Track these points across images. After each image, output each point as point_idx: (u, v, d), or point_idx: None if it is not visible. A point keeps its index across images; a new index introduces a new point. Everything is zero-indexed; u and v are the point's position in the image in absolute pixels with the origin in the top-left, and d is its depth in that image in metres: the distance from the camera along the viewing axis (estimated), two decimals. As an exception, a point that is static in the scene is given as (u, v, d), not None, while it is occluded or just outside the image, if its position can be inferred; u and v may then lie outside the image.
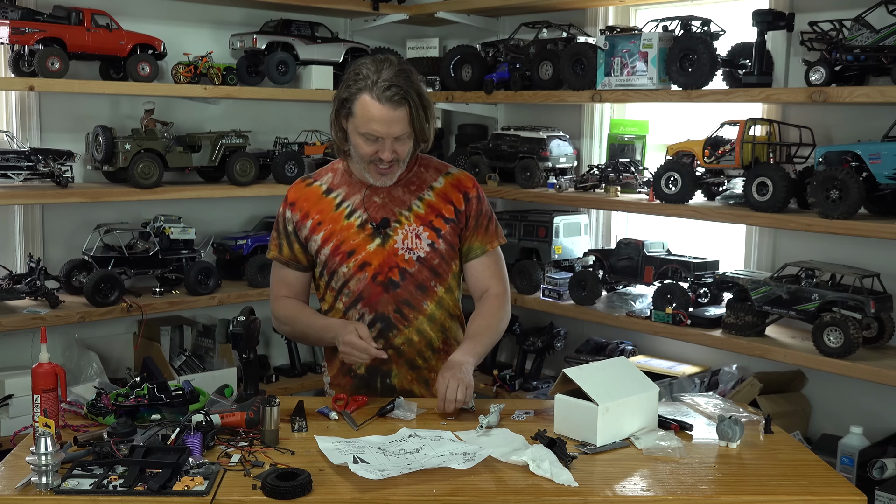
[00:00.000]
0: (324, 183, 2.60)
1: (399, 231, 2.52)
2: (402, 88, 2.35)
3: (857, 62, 3.00)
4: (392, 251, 2.51)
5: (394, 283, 2.51)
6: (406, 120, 2.38)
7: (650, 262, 3.73)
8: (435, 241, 2.54)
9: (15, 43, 3.44)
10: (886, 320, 3.15)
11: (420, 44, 4.65)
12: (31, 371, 2.28)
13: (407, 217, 2.53)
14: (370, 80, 2.36)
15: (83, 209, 3.84)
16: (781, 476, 2.08)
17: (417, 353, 2.56)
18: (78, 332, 3.75)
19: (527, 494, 1.94)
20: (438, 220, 2.55)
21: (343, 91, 2.42)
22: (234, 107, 4.28)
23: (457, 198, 2.58)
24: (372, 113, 2.36)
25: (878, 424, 3.23)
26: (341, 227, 2.53)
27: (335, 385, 2.64)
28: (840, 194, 2.97)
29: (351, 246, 2.52)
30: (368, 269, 2.51)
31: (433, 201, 2.56)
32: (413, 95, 2.37)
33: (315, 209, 2.56)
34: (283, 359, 4.47)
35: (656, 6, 3.93)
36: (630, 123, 4.07)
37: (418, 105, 2.39)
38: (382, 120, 2.36)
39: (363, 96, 2.37)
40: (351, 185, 2.57)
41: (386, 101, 2.35)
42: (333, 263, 2.54)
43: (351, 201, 2.55)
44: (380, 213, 2.53)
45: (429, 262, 2.54)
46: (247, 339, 2.52)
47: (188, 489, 1.88)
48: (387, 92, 2.34)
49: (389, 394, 2.55)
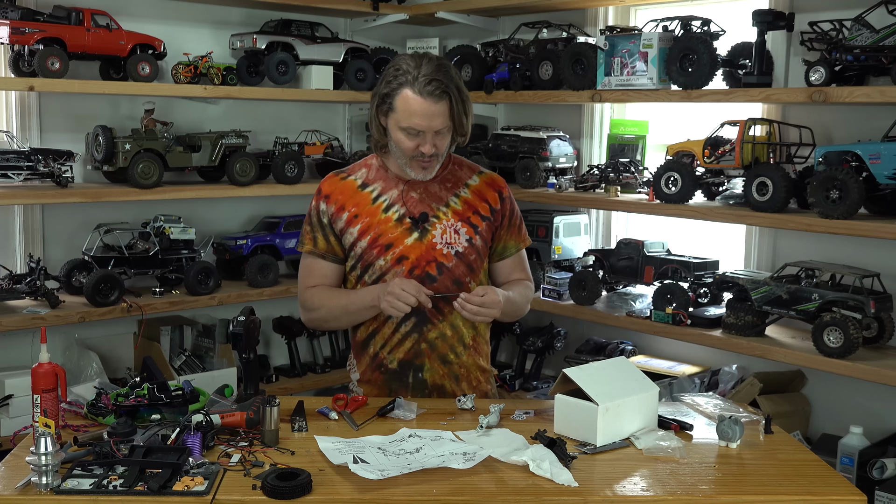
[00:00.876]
0: (358, 177, 2.62)
1: (437, 226, 2.55)
2: (442, 82, 2.40)
3: (857, 62, 3.00)
4: (430, 245, 2.54)
5: (431, 276, 2.53)
6: (446, 114, 2.43)
7: (650, 262, 3.73)
8: (472, 236, 2.58)
9: (15, 43, 3.43)
10: (886, 320, 3.15)
11: (420, 44, 4.65)
12: (31, 371, 2.28)
13: (444, 212, 2.57)
14: (411, 76, 2.40)
15: (83, 209, 3.84)
16: (781, 476, 2.08)
17: (450, 347, 2.58)
18: (78, 332, 3.75)
19: (527, 494, 1.94)
20: (475, 216, 2.60)
21: (383, 87, 2.46)
22: (234, 107, 4.28)
23: (492, 196, 2.63)
24: (413, 107, 2.41)
25: (878, 424, 3.23)
26: (379, 221, 2.55)
27: (364, 382, 2.64)
28: (840, 194, 2.97)
29: (389, 239, 2.54)
30: (405, 262, 2.53)
31: (469, 198, 2.61)
32: (453, 90, 2.42)
33: (351, 202, 2.58)
34: (283, 359, 4.47)
35: (656, 6, 3.93)
36: (630, 123, 4.07)
37: (458, 99, 2.44)
38: (424, 114, 2.41)
39: (404, 91, 2.41)
40: (387, 181, 2.59)
41: (427, 95, 2.39)
42: (370, 256, 2.55)
43: (388, 196, 2.58)
44: (418, 208, 2.56)
45: (466, 258, 2.57)
46: (247, 339, 2.52)
47: (188, 489, 1.88)
48: (428, 86, 2.39)
49: (420, 389, 2.56)
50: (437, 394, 2.57)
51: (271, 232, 4.21)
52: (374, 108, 2.51)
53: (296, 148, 4.19)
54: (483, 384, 2.67)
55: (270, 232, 4.21)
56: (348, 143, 4.69)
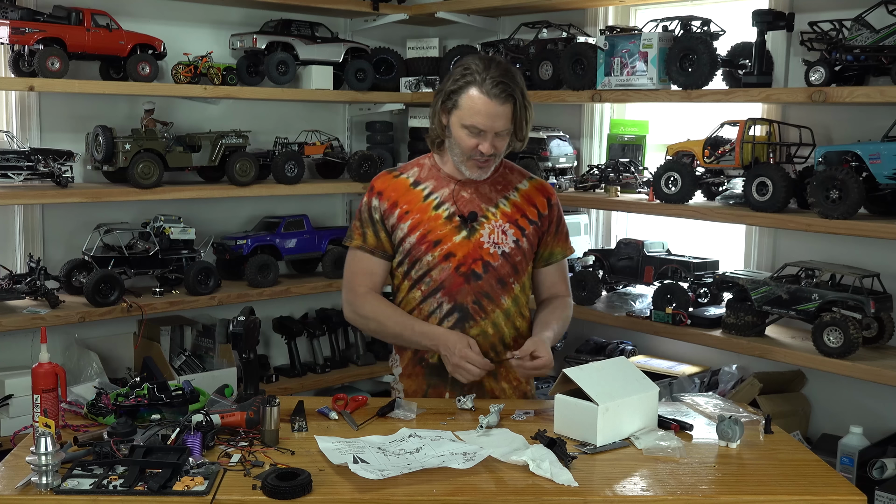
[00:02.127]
0: (410, 176, 2.67)
1: (486, 225, 2.60)
2: (509, 86, 2.46)
3: (857, 62, 3.00)
4: (478, 244, 2.58)
5: (476, 274, 2.57)
6: (509, 116, 2.49)
7: (650, 262, 3.73)
8: (519, 238, 2.62)
9: (15, 43, 3.43)
10: (886, 320, 3.15)
11: (420, 44, 4.65)
12: (31, 371, 2.28)
13: (494, 213, 2.61)
14: (479, 76, 2.46)
15: (83, 209, 3.84)
16: (781, 476, 2.08)
17: (490, 346, 2.60)
18: (78, 332, 3.75)
19: (527, 494, 1.94)
20: (523, 219, 2.64)
21: (450, 84, 2.52)
22: (234, 107, 4.28)
23: (541, 202, 2.68)
24: (478, 106, 2.46)
25: (878, 424, 3.23)
26: (429, 218, 2.60)
27: (406, 376, 2.68)
28: (840, 194, 2.97)
29: (437, 236, 2.58)
30: (452, 259, 2.57)
31: (518, 202, 2.65)
32: (518, 94, 2.49)
33: (403, 199, 2.63)
34: (283, 359, 4.47)
35: (656, 6, 3.93)
36: (630, 123, 4.07)
37: (522, 104, 2.51)
38: (488, 114, 2.46)
39: (471, 90, 2.47)
40: (439, 179, 2.64)
41: (494, 96, 2.45)
42: (418, 252, 2.59)
43: (439, 194, 2.62)
44: (468, 207, 2.60)
45: (511, 259, 2.61)
46: (247, 339, 2.53)
47: (188, 489, 1.88)
48: (495, 88, 2.45)
49: (459, 385, 2.58)
50: (476, 391, 2.57)
51: (271, 232, 4.21)
52: (438, 104, 2.56)
53: (296, 148, 4.19)
54: (523, 384, 2.70)
55: (270, 232, 4.21)
56: (348, 143, 4.69)
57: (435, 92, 2.60)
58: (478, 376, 2.49)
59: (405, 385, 2.68)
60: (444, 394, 2.62)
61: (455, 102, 2.50)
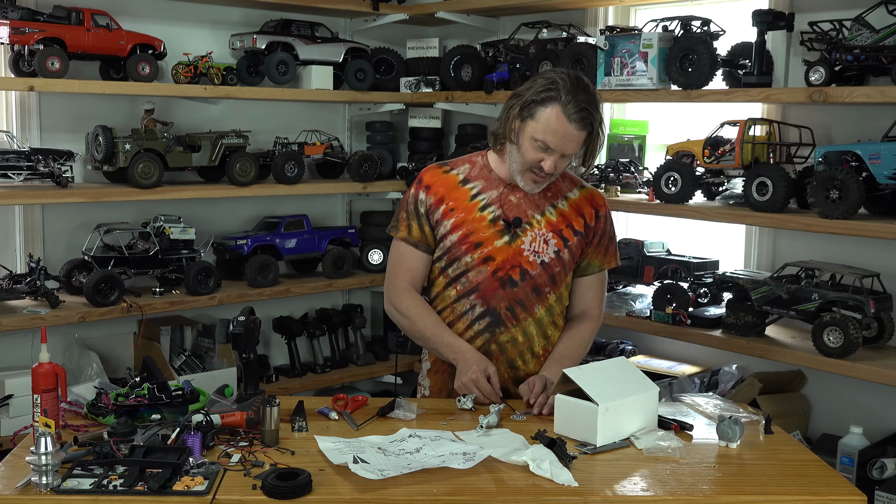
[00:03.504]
0: (461, 172, 2.66)
1: (529, 233, 2.57)
2: (591, 113, 2.43)
3: (857, 62, 3.00)
4: (518, 251, 2.56)
5: (513, 281, 2.56)
6: (581, 142, 2.47)
7: (650, 262, 3.73)
8: (561, 249, 2.59)
9: (15, 43, 3.43)
10: (886, 320, 3.14)
11: (420, 44, 4.65)
12: (31, 371, 2.28)
13: (539, 221, 2.59)
14: (566, 96, 2.41)
15: (83, 209, 3.84)
16: (781, 476, 2.08)
17: (519, 354, 2.60)
18: (78, 332, 3.75)
19: (527, 494, 1.94)
20: (568, 230, 2.61)
21: (532, 93, 2.46)
22: (234, 107, 4.28)
23: (589, 212, 2.65)
24: (556, 126, 2.42)
25: (878, 424, 3.23)
26: (473, 218, 2.58)
27: (434, 371, 2.69)
28: (840, 194, 2.97)
29: (479, 238, 2.57)
30: (491, 263, 2.56)
31: (566, 211, 2.63)
32: (597, 124, 2.46)
33: (450, 196, 2.61)
34: (283, 359, 4.47)
35: (656, 6, 3.93)
36: (630, 123, 4.07)
37: (598, 134, 2.48)
38: (563, 135, 2.43)
39: (554, 107, 2.42)
40: (489, 180, 2.62)
41: (574, 120, 2.41)
42: (458, 251, 2.58)
43: (487, 195, 2.61)
44: (513, 212, 2.58)
45: (550, 269, 2.59)
46: (247, 339, 2.52)
47: (188, 489, 1.88)
48: (578, 113, 2.41)
49: None
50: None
51: (271, 232, 4.21)
52: (515, 108, 2.49)
53: (296, 148, 4.19)
54: None
55: (270, 232, 4.21)
56: (348, 143, 4.69)
57: (512, 94, 2.54)
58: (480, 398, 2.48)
59: (431, 381, 2.69)
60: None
61: (532, 113, 2.44)
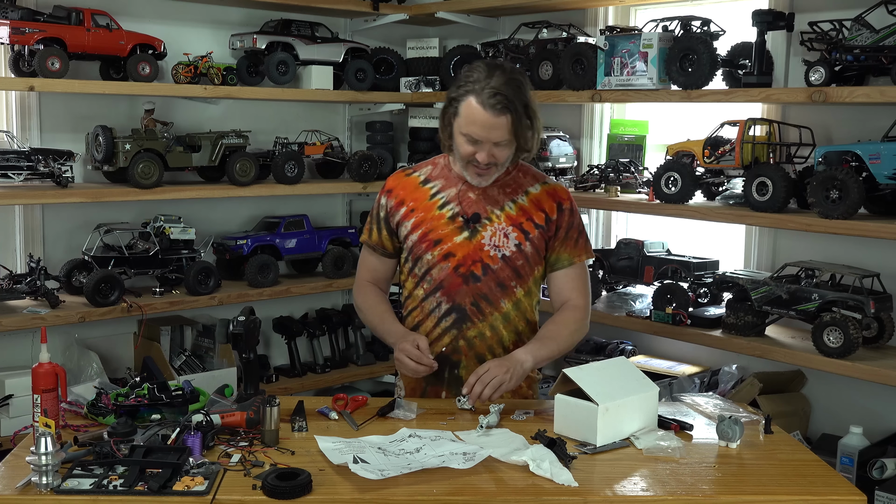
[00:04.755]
0: (422, 174, 2.70)
1: (488, 228, 2.59)
2: (506, 97, 2.41)
3: (857, 62, 3.00)
4: (478, 246, 2.58)
5: (475, 276, 2.57)
6: (507, 128, 2.45)
7: (650, 262, 3.73)
8: (522, 242, 2.59)
9: (15, 43, 3.43)
10: (886, 320, 3.14)
11: (420, 44, 4.65)
12: (32, 371, 2.28)
13: (498, 216, 2.60)
14: (479, 85, 2.43)
15: (83, 209, 3.84)
16: (781, 476, 2.08)
17: (488, 348, 2.60)
18: (78, 332, 3.75)
19: (527, 494, 1.94)
20: (528, 223, 2.61)
21: (453, 90, 2.52)
22: (234, 107, 4.28)
23: (550, 206, 2.64)
24: (474, 116, 2.44)
25: (878, 424, 3.23)
26: (432, 217, 2.61)
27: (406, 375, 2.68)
28: (840, 194, 2.97)
29: (439, 235, 2.59)
30: (452, 259, 2.58)
31: (526, 205, 2.63)
32: (518, 106, 2.44)
33: (410, 197, 2.66)
34: (283, 359, 4.47)
35: (656, 6, 3.93)
36: (630, 123, 4.07)
37: (522, 115, 2.46)
38: (483, 124, 2.44)
39: (469, 98, 2.45)
40: (448, 179, 2.65)
41: (489, 107, 2.42)
42: (419, 250, 2.61)
43: (446, 193, 2.63)
44: (472, 209, 2.60)
45: (512, 262, 2.59)
46: (247, 339, 2.53)
47: (188, 489, 1.88)
48: (491, 99, 2.41)
49: (456, 384, 2.58)
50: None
51: (271, 232, 4.20)
52: (444, 108, 2.55)
53: (296, 148, 4.19)
54: (524, 389, 2.68)
55: (270, 232, 4.21)
56: (348, 143, 4.69)
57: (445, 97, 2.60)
58: (415, 370, 2.48)
59: (405, 381, 2.70)
60: (441, 393, 2.63)
61: (456, 109, 2.49)
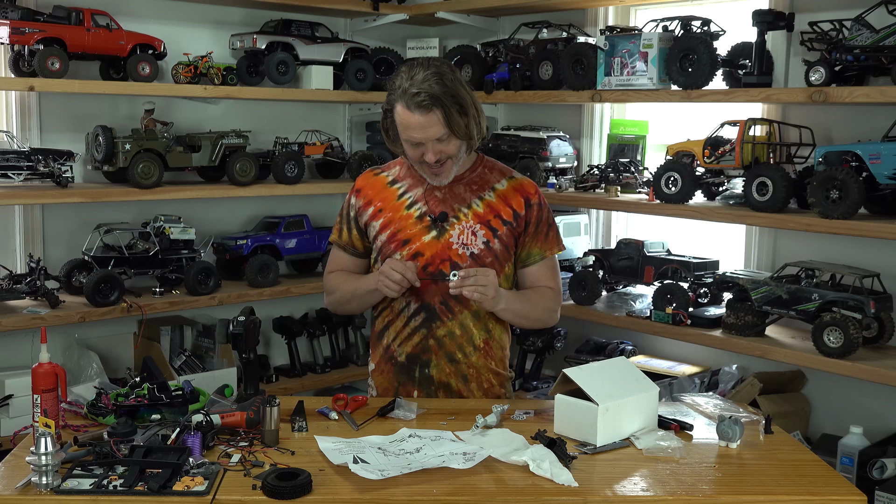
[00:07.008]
0: (390, 174, 2.69)
1: (456, 226, 2.58)
2: (430, 94, 2.39)
3: (857, 62, 3.00)
4: (446, 244, 2.57)
5: (443, 275, 2.55)
6: (440, 122, 2.42)
7: (650, 262, 3.73)
8: (490, 239, 2.58)
9: (15, 43, 3.43)
10: (886, 320, 3.15)
11: (420, 44, 4.65)
12: (31, 371, 2.28)
13: (465, 214, 2.59)
14: (402, 89, 2.42)
15: (83, 209, 3.84)
16: (781, 476, 2.08)
17: (458, 346, 2.59)
18: (78, 332, 3.75)
19: (527, 494, 1.94)
20: (496, 220, 2.59)
21: (385, 102, 2.51)
22: (234, 107, 4.28)
23: (518, 202, 2.62)
24: (406, 121, 2.44)
25: (878, 424, 3.23)
26: (400, 217, 2.60)
27: (377, 372, 2.69)
28: (840, 194, 2.97)
29: (407, 235, 2.58)
30: (420, 259, 2.56)
31: (493, 202, 2.61)
32: (445, 98, 2.40)
33: (378, 197, 2.65)
34: (283, 359, 4.47)
35: (656, 6, 3.93)
36: (630, 123, 4.07)
37: (451, 105, 2.41)
38: (416, 126, 2.43)
39: (397, 106, 2.45)
40: (415, 178, 2.64)
41: (415, 107, 2.40)
42: (388, 250, 2.60)
43: (413, 193, 2.63)
44: (439, 208, 2.59)
45: (481, 260, 2.57)
46: (247, 339, 2.53)
47: (188, 489, 1.88)
48: (415, 98, 2.40)
49: (427, 384, 2.58)
50: (444, 391, 2.59)
51: (271, 232, 4.21)
52: (381, 122, 2.57)
53: (296, 148, 4.19)
54: (496, 388, 2.66)
55: (270, 232, 4.21)
56: (348, 143, 4.69)
57: None
58: (400, 282, 2.45)
59: (377, 382, 2.68)
60: (412, 392, 2.61)
61: (392, 118, 2.49)
